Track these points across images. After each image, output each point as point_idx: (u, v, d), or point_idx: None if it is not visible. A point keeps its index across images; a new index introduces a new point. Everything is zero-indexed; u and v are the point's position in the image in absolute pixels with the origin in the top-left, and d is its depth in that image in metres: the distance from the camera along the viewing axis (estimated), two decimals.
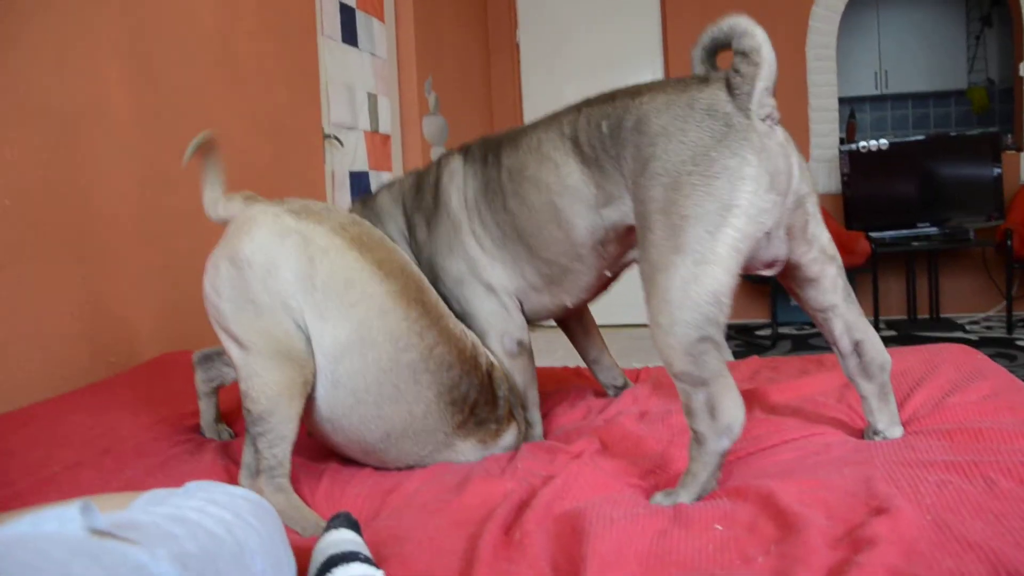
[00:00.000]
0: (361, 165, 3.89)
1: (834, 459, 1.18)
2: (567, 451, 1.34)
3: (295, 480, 1.36)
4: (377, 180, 4.07)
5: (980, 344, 4.60)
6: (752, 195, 1.15)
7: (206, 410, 1.66)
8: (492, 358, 1.51)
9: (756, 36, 1.19)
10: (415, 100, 4.43)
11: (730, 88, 1.20)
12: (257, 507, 0.86)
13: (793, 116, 5.57)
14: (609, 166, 1.33)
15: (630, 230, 1.37)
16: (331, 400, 1.35)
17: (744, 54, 1.19)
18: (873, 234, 5.19)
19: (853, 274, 5.33)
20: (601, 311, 5.07)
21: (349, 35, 3.78)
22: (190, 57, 2.49)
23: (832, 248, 1.30)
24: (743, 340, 5.14)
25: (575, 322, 1.80)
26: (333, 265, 1.33)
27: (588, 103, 1.40)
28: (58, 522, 0.68)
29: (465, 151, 1.61)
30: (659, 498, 1.17)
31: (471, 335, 1.47)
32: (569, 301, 1.55)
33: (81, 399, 1.74)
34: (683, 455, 1.28)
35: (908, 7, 7.13)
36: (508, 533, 1.03)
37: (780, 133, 1.22)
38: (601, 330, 1.81)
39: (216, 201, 1.48)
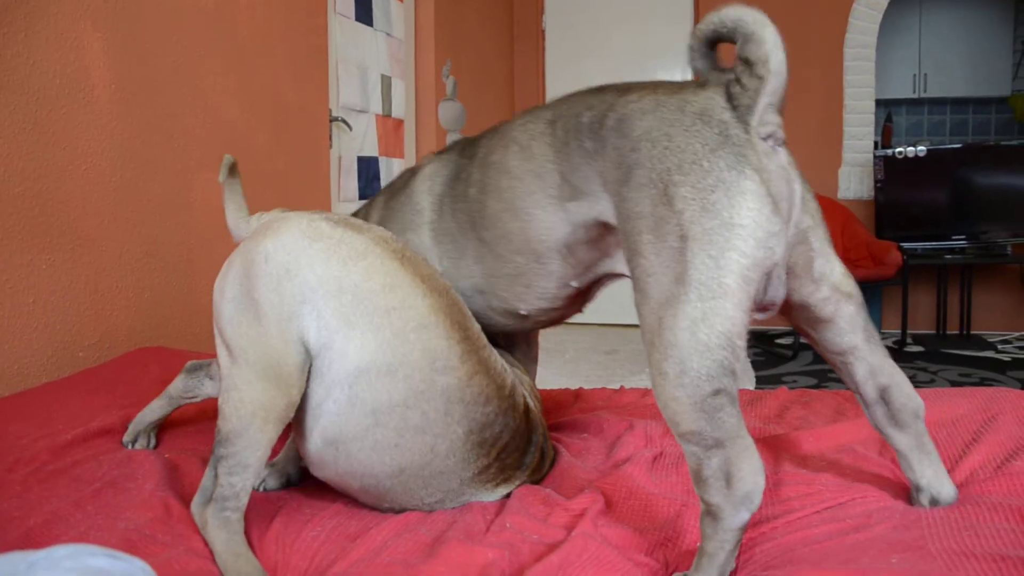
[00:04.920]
0: (371, 150, 3.71)
1: (879, 538, 0.98)
2: (566, 508, 1.14)
3: (247, 511, 1.17)
4: (388, 166, 3.88)
5: (1012, 365, 4.38)
6: (756, 213, 0.96)
7: (155, 411, 1.45)
8: (529, 399, 1.32)
9: (764, 43, 0.96)
10: (432, 84, 4.24)
11: (730, 97, 1.01)
12: None
13: (828, 117, 5.33)
14: (579, 157, 1.14)
15: (606, 230, 1.17)
16: (343, 420, 1.16)
17: (748, 63, 0.98)
18: (905, 245, 4.96)
19: (882, 286, 5.11)
20: (611, 309, 4.83)
21: (363, 13, 3.59)
22: (182, 28, 2.31)
23: (848, 283, 1.10)
24: (762, 349, 4.93)
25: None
26: (371, 268, 1.17)
27: (577, 93, 1.22)
28: None
29: (442, 151, 1.47)
30: None
31: (511, 372, 1.29)
32: (523, 308, 1.33)
33: (30, 400, 1.58)
34: (698, 524, 1.09)
35: (953, 8, 6.82)
36: None
37: (783, 155, 1.02)
38: (609, 330, 1.59)
39: (244, 219, 1.37)
